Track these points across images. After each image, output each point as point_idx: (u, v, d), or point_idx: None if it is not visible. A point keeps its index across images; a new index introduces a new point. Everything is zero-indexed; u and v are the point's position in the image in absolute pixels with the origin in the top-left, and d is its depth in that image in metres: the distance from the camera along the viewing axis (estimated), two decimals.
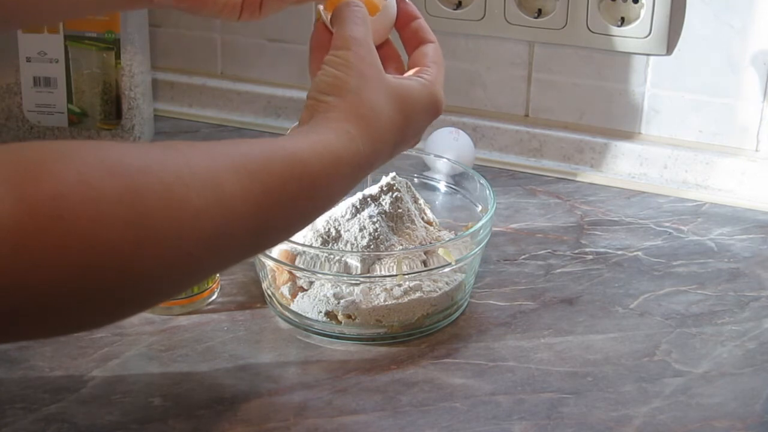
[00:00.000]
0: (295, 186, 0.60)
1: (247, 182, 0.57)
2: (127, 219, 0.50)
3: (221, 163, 0.56)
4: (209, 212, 0.54)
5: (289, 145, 0.62)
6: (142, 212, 0.51)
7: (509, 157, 1.15)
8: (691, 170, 1.08)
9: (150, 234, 0.51)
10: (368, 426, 0.73)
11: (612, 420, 0.74)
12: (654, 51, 1.07)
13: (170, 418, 0.74)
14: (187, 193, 0.53)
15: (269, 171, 0.58)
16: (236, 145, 0.60)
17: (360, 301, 0.82)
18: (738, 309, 0.88)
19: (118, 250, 0.50)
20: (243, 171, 0.57)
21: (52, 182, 0.48)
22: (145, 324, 0.84)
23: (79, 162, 0.50)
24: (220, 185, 0.55)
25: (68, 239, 0.48)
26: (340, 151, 0.63)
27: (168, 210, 0.52)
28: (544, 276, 0.93)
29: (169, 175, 0.53)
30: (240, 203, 0.56)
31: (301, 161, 0.61)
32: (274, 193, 0.58)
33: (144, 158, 0.53)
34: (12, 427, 0.72)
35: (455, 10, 1.12)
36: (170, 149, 0.56)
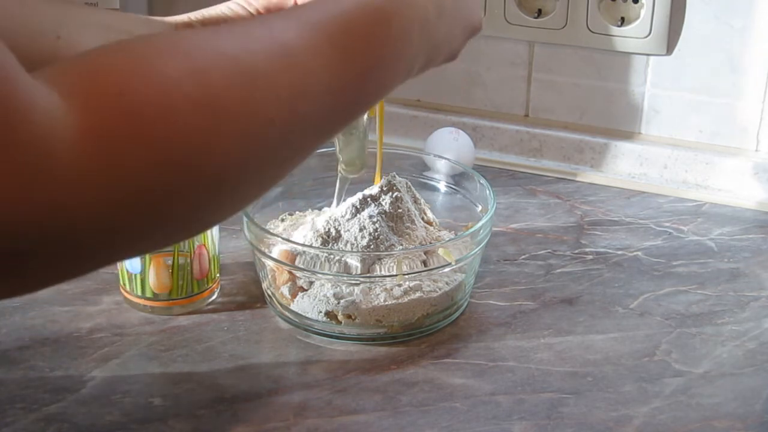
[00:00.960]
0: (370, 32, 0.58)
1: (317, 37, 0.54)
2: (197, 100, 0.47)
3: (286, 25, 0.54)
4: (282, 76, 0.52)
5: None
6: (212, 90, 0.48)
7: (509, 157, 1.15)
8: (691, 170, 1.08)
9: (224, 115, 0.48)
10: (368, 426, 0.73)
11: (612, 420, 0.74)
12: (654, 51, 1.07)
13: (170, 418, 0.74)
14: (253, 60, 0.51)
15: (334, 22, 0.56)
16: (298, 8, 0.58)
17: (360, 301, 0.82)
18: (738, 309, 0.88)
19: (191, 135, 0.47)
20: (309, 28, 0.54)
21: (114, 78, 0.46)
22: (145, 324, 0.85)
23: (146, 49, 0.48)
24: (286, 46, 0.53)
25: (140, 132, 0.45)
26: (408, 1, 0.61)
27: (239, 81, 0.50)
28: (544, 276, 0.93)
29: (232, 47, 0.51)
30: (311, 59, 0.53)
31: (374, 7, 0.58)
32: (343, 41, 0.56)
33: (203, 37, 0.51)
34: (12, 427, 0.72)
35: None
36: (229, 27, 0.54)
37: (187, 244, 0.84)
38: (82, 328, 0.84)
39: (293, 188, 0.96)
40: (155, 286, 0.85)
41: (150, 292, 0.85)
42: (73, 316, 0.85)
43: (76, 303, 0.87)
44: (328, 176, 0.97)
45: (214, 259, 0.87)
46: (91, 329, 0.84)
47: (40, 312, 0.85)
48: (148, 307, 0.86)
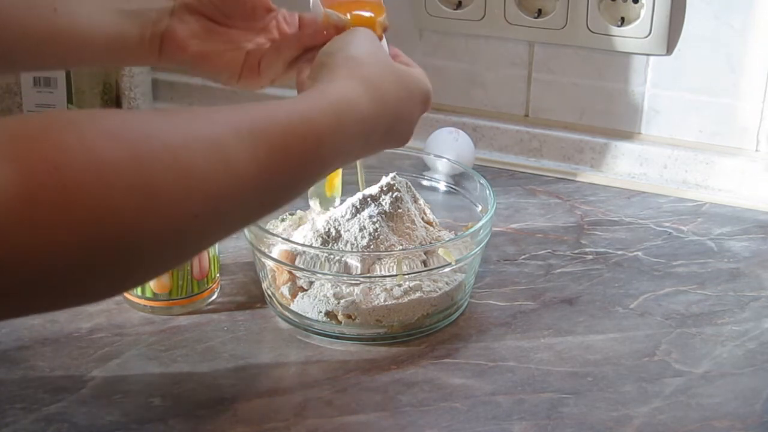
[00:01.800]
0: (299, 145, 0.60)
1: (251, 144, 0.56)
2: (132, 185, 0.49)
3: (224, 126, 0.56)
4: (215, 176, 0.54)
5: (292, 105, 0.62)
6: (147, 178, 0.50)
7: (509, 157, 1.15)
8: (691, 170, 1.08)
9: (155, 200, 0.51)
10: (368, 426, 0.73)
11: (612, 420, 0.74)
12: (654, 51, 1.07)
13: (170, 418, 0.74)
14: (192, 157, 0.53)
15: (273, 132, 0.58)
16: (238, 109, 0.59)
17: (360, 301, 0.82)
18: (738, 309, 0.88)
19: (123, 216, 0.49)
20: (246, 133, 0.56)
21: (53, 152, 0.47)
22: (145, 324, 0.84)
23: (81, 130, 0.49)
24: (224, 149, 0.55)
25: (72, 209, 0.47)
26: (344, 109, 0.64)
27: (173, 175, 0.52)
28: (544, 276, 0.92)
29: (173, 140, 0.53)
30: (245, 165, 0.56)
31: (305, 119, 0.61)
32: (279, 153, 0.58)
33: (147, 124, 0.53)
34: (12, 427, 0.72)
35: (455, 10, 1.12)
36: (173, 115, 0.56)
37: None
38: (82, 328, 0.84)
39: None
40: (155, 286, 0.85)
41: (150, 292, 0.85)
42: (73, 316, 0.85)
43: None
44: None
45: (214, 259, 0.87)
46: (91, 329, 0.84)
47: None
48: (148, 307, 0.86)
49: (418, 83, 0.72)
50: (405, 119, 0.72)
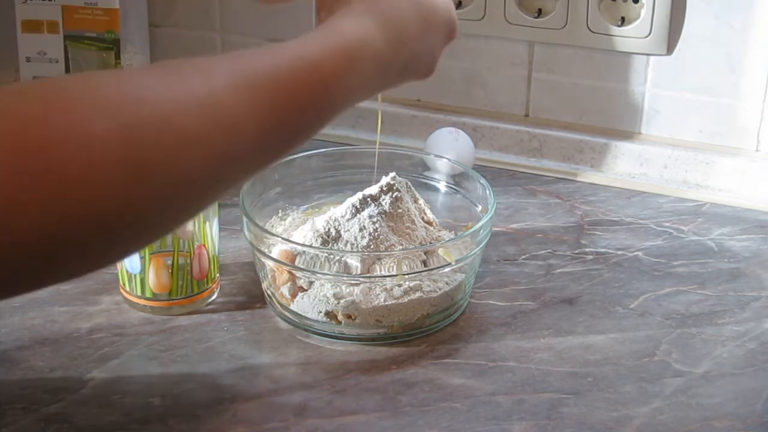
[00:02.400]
0: (305, 94, 0.56)
1: (252, 98, 0.53)
2: (122, 156, 0.48)
3: (222, 81, 0.53)
4: (211, 138, 0.51)
5: (297, 49, 0.58)
6: (138, 148, 0.48)
7: (509, 157, 1.15)
8: (691, 170, 1.08)
9: (147, 169, 0.49)
10: (368, 426, 0.73)
11: (612, 420, 0.74)
12: (654, 51, 1.07)
13: (170, 418, 0.74)
14: (185, 121, 0.50)
15: (275, 82, 0.55)
16: (238, 58, 0.56)
17: (360, 301, 0.82)
18: (738, 309, 0.88)
19: (114, 190, 0.48)
20: (246, 87, 0.53)
21: (38, 130, 0.46)
22: (145, 324, 0.84)
23: (68, 102, 0.48)
24: (221, 106, 0.52)
25: (61, 189, 0.46)
26: (354, 48, 0.60)
27: (166, 141, 0.49)
28: (544, 276, 0.92)
29: (166, 104, 0.50)
30: (244, 123, 0.53)
31: (311, 65, 0.57)
32: (283, 106, 0.55)
33: (139, 89, 0.50)
34: (12, 427, 0.72)
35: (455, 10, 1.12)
36: (168, 74, 0.53)
37: (187, 244, 0.84)
38: (81, 328, 0.84)
39: (293, 188, 0.96)
40: (155, 286, 0.85)
41: (150, 292, 0.85)
42: (72, 316, 0.85)
43: (76, 303, 0.87)
44: (328, 176, 0.97)
45: (214, 259, 0.87)
46: (90, 329, 0.84)
47: (40, 312, 0.85)
48: (148, 307, 0.86)
49: (442, 14, 0.68)
50: (426, 53, 0.68)
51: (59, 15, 1.12)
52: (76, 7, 1.11)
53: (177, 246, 0.84)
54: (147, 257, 0.84)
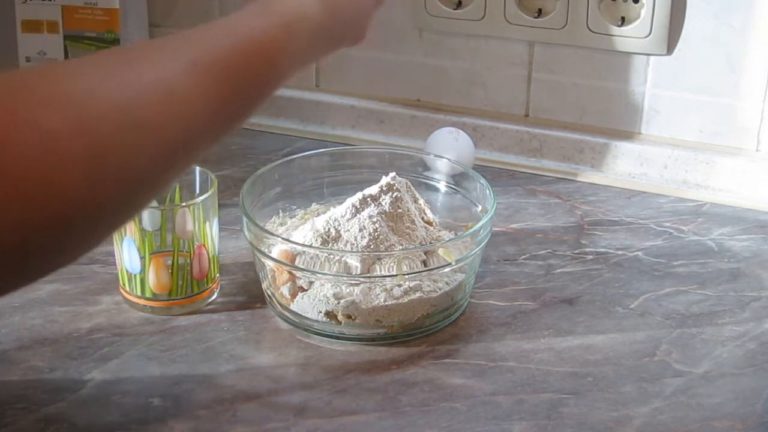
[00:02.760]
0: (250, 69, 0.59)
1: (203, 81, 0.55)
2: (82, 154, 0.48)
3: (172, 65, 0.55)
4: (167, 123, 0.53)
5: (240, 23, 0.60)
6: (95, 145, 0.48)
7: (509, 157, 1.15)
8: (691, 170, 1.08)
9: (107, 164, 0.49)
10: (368, 426, 0.73)
11: (612, 420, 0.74)
12: (654, 51, 1.07)
13: (170, 418, 0.74)
14: (140, 110, 0.51)
15: (224, 63, 0.57)
16: (185, 42, 0.57)
17: (360, 301, 0.82)
18: (738, 309, 0.88)
19: (72, 188, 0.48)
20: (195, 69, 0.55)
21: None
22: (145, 324, 0.84)
23: (23, 99, 0.47)
24: (174, 92, 0.53)
25: (20, 189, 0.46)
26: (295, 20, 0.63)
27: (122, 133, 0.50)
28: (544, 276, 0.92)
29: (119, 95, 0.51)
30: (198, 104, 0.55)
31: (254, 41, 0.60)
32: (231, 82, 0.57)
33: (95, 82, 0.51)
34: (12, 427, 0.72)
35: (455, 10, 1.12)
36: (119, 62, 0.54)
37: (187, 244, 0.84)
38: (81, 329, 0.84)
39: (293, 188, 0.96)
40: (155, 286, 0.85)
41: (150, 292, 0.85)
42: (72, 316, 0.85)
43: (76, 303, 0.87)
44: (328, 176, 0.97)
45: (214, 259, 0.87)
46: (90, 329, 0.84)
47: (40, 312, 0.85)
48: (148, 307, 0.86)
49: None
50: (358, 18, 0.70)
51: (59, 15, 1.12)
52: (76, 7, 1.11)
53: (177, 246, 0.84)
54: (147, 257, 0.84)
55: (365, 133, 1.19)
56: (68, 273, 0.91)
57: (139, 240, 0.83)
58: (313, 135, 1.20)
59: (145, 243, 0.84)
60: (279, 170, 0.94)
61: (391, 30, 1.17)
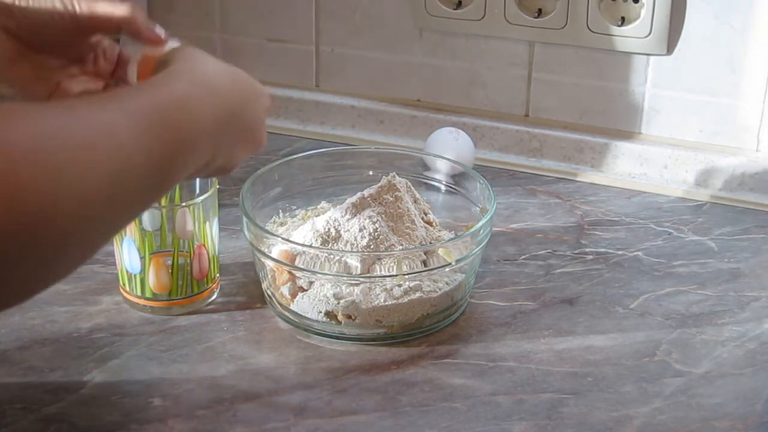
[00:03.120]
0: (175, 118, 0.61)
1: (136, 123, 0.57)
2: (42, 168, 0.50)
3: (111, 113, 0.57)
4: (109, 154, 0.55)
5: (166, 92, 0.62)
6: (53, 164, 0.51)
7: (509, 157, 1.15)
8: (691, 170, 1.08)
9: (64, 181, 0.52)
10: (368, 426, 0.73)
11: (612, 420, 0.74)
12: (654, 51, 1.07)
13: (170, 418, 0.74)
14: (89, 143, 0.54)
15: (152, 110, 0.59)
16: (116, 97, 0.60)
17: (360, 301, 0.82)
18: (738, 309, 0.88)
19: (35, 199, 0.50)
20: (131, 114, 0.58)
21: None
22: (145, 324, 0.84)
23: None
24: (115, 130, 0.56)
25: None
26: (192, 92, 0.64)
27: (76, 158, 0.52)
28: (544, 276, 0.92)
29: (72, 131, 0.53)
30: (133, 142, 0.57)
31: (181, 102, 0.62)
32: (160, 128, 0.59)
33: (50, 118, 0.53)
34: (12, 427, 0.72)
35: (455, 10, 1.12)
36: (67, 111, 0.56)
37: (187, 244, 0.84)
38: (81, 329, 0.84)
39: (293, 188, 0.96)
40: (155, 286, 0.85)
41: (150, 292, 0.85)
42: (72, 316, 0.85)
43: (76, 303, 0.87)
44: (328, 176, 0.97)
45: (214, 259, 0.87)
46: (90, 329, 0.84)
47: (40, 312, 0.85)
48: (148, 307, 0.86)
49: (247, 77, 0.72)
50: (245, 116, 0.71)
51: None
52: None
53: (177, 246, 0.84)
54: (147, 257, 0.84)
55: (365, 133, 1.19)
56: None
57: (139, 240, 0.83)
58: (313, 135, 1.20)
59: (145, 243, 0.84)
60: (279, 170, 0.94)
61: (391, 30, 1.17)
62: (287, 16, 1.20)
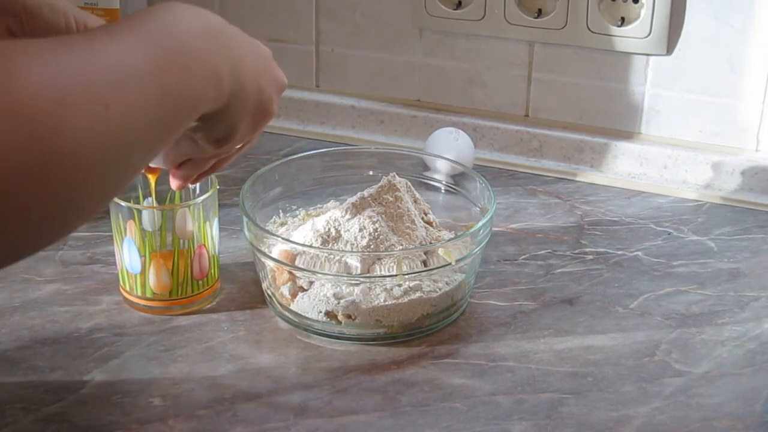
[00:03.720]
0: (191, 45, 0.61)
1: (144, 48, 0.57)
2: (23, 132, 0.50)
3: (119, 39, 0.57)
4: (113, 69, 0.54)
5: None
6: (62, 80, 0.51)
7: (509, 157, 1.15)
8: (691, 170, 1.08)
9: (70, 97, 0.51)
10: (368, 426, 0.73)
11: (612, 420, 0.74)
12: (654, 51, 1.07)
13: (170, 418, 0.74)
14: (92, 61, 0.53)
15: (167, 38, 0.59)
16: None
17: (360, 301, 0.82)
18: (738, 309, 0.88)
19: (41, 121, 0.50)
20: (138, 42, 0.57)
21: None
22: (145, 324, 0.84)
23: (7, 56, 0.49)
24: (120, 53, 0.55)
25: None
26: None
27: (83, 71, 0.52)
28: (544, 276, 0.92)
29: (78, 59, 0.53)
30: (138, 62, 0.56)
31: None
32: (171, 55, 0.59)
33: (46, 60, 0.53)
34: (12, 427, 0.72)
35: (455, 10, 1.12)
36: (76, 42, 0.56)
37: (187, 244, 0.84)
38: (81, 328, 0.84)
39: (293, 188, 0.96)
40: (155, 286, 0.85)
41: (150, 292, 0.85)
42: (72, 316, 0.85)
43: (76, 303, 0.87)
44: (328, 176, 0.97)
45: (214, 259, 0.87)
46: (90, 329, 0.84)
47: (40, 312, 0.85)
48: (148, 307, 0.86)
49: None
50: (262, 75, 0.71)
51: None
52: None
53: (177, 246, 0.84)
54: (147, 257, 0.84)
55: (365, 133, 1.19)
56: (68, 273, 0.91)
57: (139, 240, 0.83)
58: (313, 135, 1.20)
59: (145, 243, 0.84)
60: (279, 170, 0.94)
61: (391, 30, 1.17)
62: (287, 16, 1.20)
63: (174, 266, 0.85)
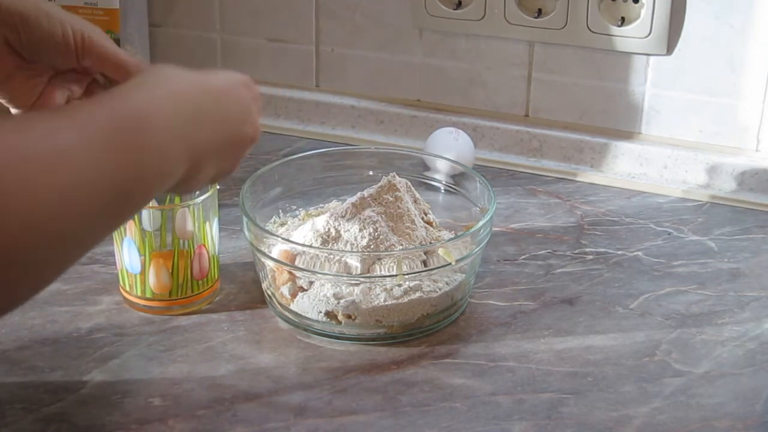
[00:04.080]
0: (133, 137, 0.60)
1: (90, 137, 0.57)
2: None
3: (66, 130, 0.56)
4: (60, 168, 0.54)
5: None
6: None
7: (509, 157, 1.15)
8: (691, 170, 1.08)
9: (6, 193, 0.51)
10: (368, 426, 0.73)
11: (612, 420, 0.74)
12: (654, 51, 1.07)
13: (170, 418, 0.74)
14: (36, 156, 0.53)
15: (107, 124, 0.58)
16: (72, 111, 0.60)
17: (360, 301, 0.82)
18: (738, 309, 0.88)
19: None
20: (83, 129, 0.57)
21: None
22: (145, 324, 0.84)
23: None
24: (67, 145, 0.55)
25: None
26: None
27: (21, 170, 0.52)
28: (544, 276, 0.92)
29: (23, 146, 0.53)
30: (85, 154, 0.56)
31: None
32: (115, 143, 0.58)
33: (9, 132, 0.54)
34: (12, 427, 0.72)
35: (455, 10, 1.12)
36: (25, 125, 0.56)
37: (187, 244, 0.84)
38: (81, 329, 0.84)
39: (293, 188, 0.96)
40: (155, 286, 0.85)
41: (150, 292, 0.85)
42: (72, 316, 0.85)
43: (76, 303, 0.87)
44: (328, 176, 0.97)
45: (214, 259, 0.87)
46: (90, 329, 0.84)
47: (40, 312, 0.85)
48: (148, 307, 0.86)
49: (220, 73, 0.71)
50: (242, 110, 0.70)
51: None
52: (76, 7, 1.11)
53: (177, 246, 0.84)
54: (147, 257, 0.84)
55: (365, 133, 1.19)
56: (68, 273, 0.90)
57: (139, 240, 0.83)
58: (313, 135, 1.20)
59: (145, 243, 0.84)
60: (279, 170, 0.94)
61: (391, 30, 1.17)
62: (287, 16, 1.20)
63: (174, 266, 0.85)
